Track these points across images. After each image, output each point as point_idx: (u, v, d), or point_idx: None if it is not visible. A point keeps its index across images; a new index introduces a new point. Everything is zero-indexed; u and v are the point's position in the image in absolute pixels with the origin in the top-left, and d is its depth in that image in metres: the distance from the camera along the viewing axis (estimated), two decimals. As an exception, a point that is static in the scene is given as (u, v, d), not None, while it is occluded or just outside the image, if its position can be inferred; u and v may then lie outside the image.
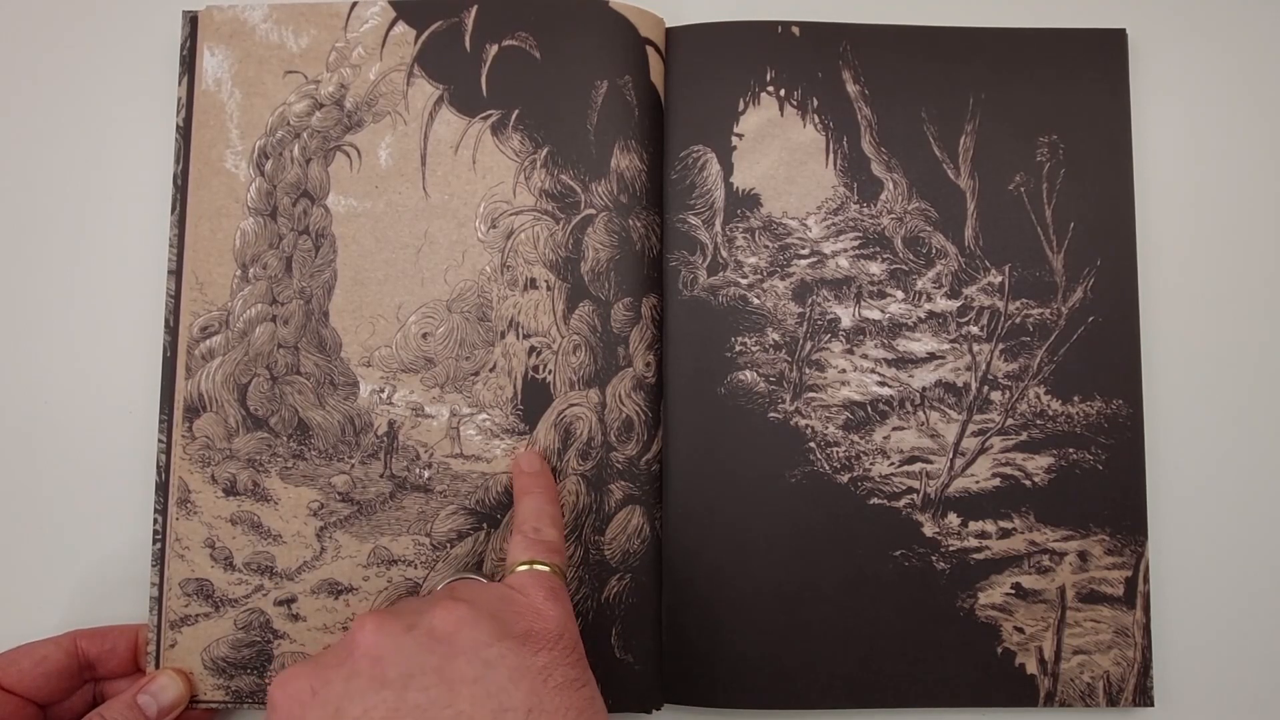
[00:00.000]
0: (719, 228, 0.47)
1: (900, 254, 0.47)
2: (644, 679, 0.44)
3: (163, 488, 0.44)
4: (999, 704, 0.45)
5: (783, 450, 0.46)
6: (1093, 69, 0.48)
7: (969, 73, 0.48)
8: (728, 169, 0.47)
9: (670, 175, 0.47)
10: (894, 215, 0.47)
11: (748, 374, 0.46)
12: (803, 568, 0.45)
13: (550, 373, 0.45)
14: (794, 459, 0.46)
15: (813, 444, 0.46)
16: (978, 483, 0.46)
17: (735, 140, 0.47)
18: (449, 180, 0.46)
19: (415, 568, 0.44)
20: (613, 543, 0.45)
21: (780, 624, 0.45)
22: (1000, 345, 0.47)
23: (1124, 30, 0.48)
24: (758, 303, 0.47)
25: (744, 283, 0.47)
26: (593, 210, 0.46)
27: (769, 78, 0.48)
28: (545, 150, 0.46)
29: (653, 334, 0.46)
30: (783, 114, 0.47)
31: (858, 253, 0.47)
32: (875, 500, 0.46)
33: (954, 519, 0.46)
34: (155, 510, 0.44)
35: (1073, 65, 0.48)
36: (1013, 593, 0.45)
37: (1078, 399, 0.46)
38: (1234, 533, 0.47)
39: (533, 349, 0.45)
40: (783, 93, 0.48)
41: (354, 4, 0.47)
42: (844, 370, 0.46)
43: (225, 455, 0.45)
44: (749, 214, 0.47)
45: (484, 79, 0.46)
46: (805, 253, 0.47)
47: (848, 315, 0.47)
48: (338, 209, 0.46)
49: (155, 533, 0.44)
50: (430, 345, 0.45)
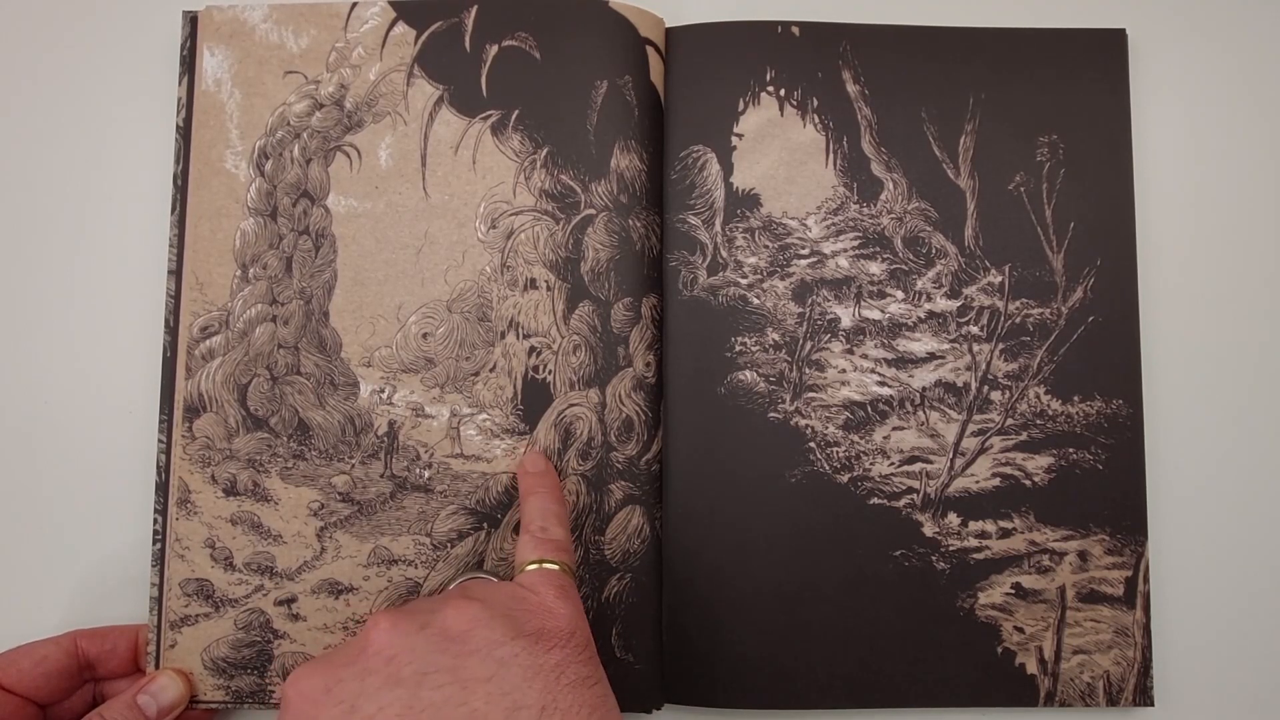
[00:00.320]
0: (719, 228, 0.47)
1: (900, 254, 0.47)
2: (644, 679, 0.44)
3: (163, 488, 0.44)
4: (999, 704, 0.45)
5: (783, 450, 0.46)
6: (1093, 69, 0.48)
7: (969, 73, 0.48)
8: (728, 169, 0.47)
9: (670, 175, 0.47)
10: (894, 215, 0.47)
11: (748, 374, 0.46)
12: (803, 568, 0.45)
13: (550, 373, 0.45)
14: (794, 459, 0.46)
15: (813, 444, 0.46)
16: (978, 483, 0.46)
17: (735, 140, 0.47)
18: (449, 180, 0.46)
19: (415, 568, 0.44)
20: (613, 543, 0.45)
21: (780, 624, 0.45)
22: (1000, 345, 0.47)
23: (1124, 30, 0.48)
24: (758, 303, 0.47)
25: (744, 283, 0.47)
26: (593, 210, 0.46)
27: (769, 78, 0.48)
28: (545, 150, 0.46)
29: (653, 334, 0.46)
30: (783, 114, 0.47)
31: (858, 253, 0.47)
32: (875, 500, 0.46)
33: (954, 519, 0.46)
34: (155, 510, 0.44)
35: (1073, 65, 0.48)
36: (1013, 593, 0.45)
37: (1078, 399, 0.46)
38: (1234, 533, 0.47)
39: (533, 349, 0.45)
40: (783, 93, 0.48)
41: (354, 4, 0.47)
42: (844, 370, 0.46)
43: (225, 455, 0.45)
44: (749, 214, 0.47)
45: (484, 79, 0.46)
46: (805, 253, 0.47)
47: (848, 315, 0.47)
48: (338, 209, 0.46)
49: (155, 533, 0.44)
50: (430, 345, 0.45)
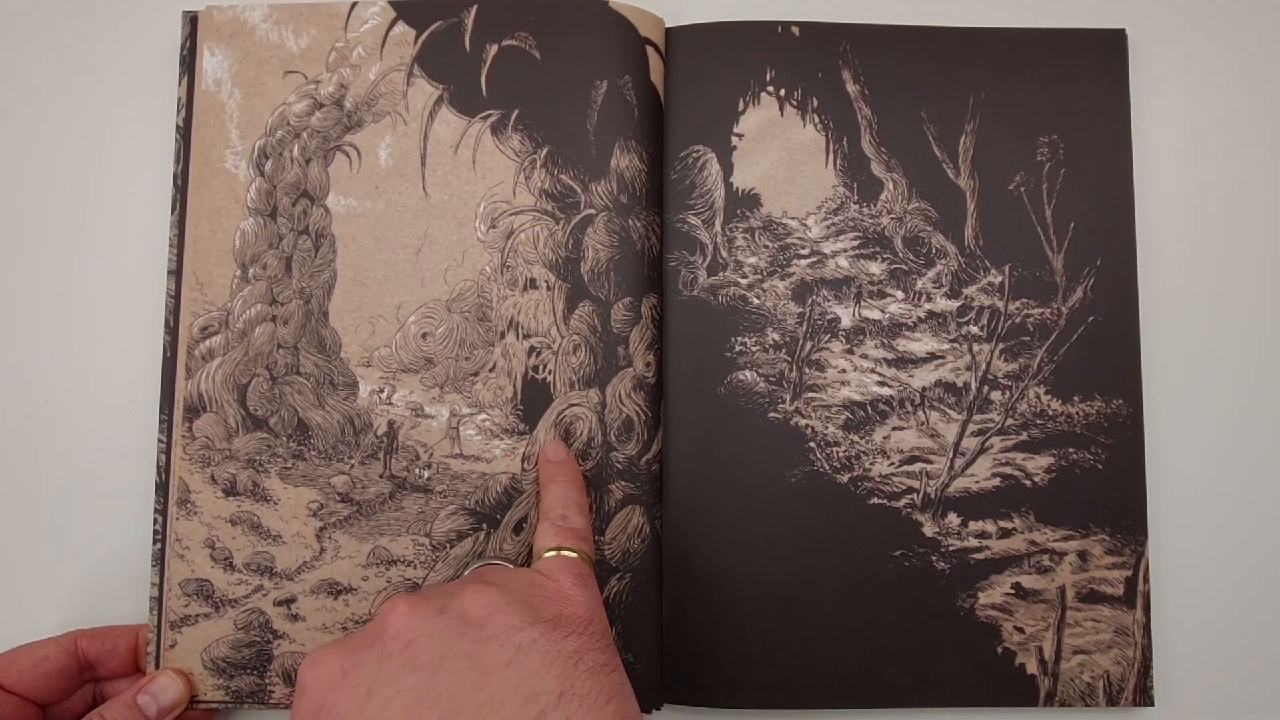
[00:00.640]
0: (719, 228, 0.47)
1: (900, 254, 0.47)
2: (644, 679, 0.44)
3: (163, 488, 0.44)
4: (999, 704, 0.45)
5: (783, 450, 0.46)
6: (1093, 69, 0.48)
7: (969, 73, 0.48)
8: (728, 169, 0.47)
9: (670, 175, 0.47)
10: (894, 215, 0.47)
11: (748, 374, 0.46)
12: (803, 568, 0.45)
13: (550, 373, 0.45)
14: (794, 459, 0.46)
15: (813, 444, 0.46)
16: (978, 483, 0.46)
17: (735, 140, 0.47)
18: (449, 180, 0.46)
19: (415, 568, 0.44)
20: (613, 542, 0.45)
21: (780, 624, 0.45)
22: (1000, 345, 0.47)
23: (1124, 30, 0.48)
24: (758, 303, 0.47)
25: (744, 283, 0.47)
26: (593, 210, 0.46)
27: (769, 78, 0.48)
28: (545, 150, 0.46)
29: (653, 334, 0.46)
30: (783, 114, 0.47)
31: (858, 253, 0.47)
32: (875, 500, 0.46)
33: (954, 519, 0.46)
34: (155, 510, 0.44)
35: (1073, 65, 0.48)
36: (1013, 593, 0.45)
37: (1078, 399, 0.46)
38: (1234, 533, 0.47)
39: (533, 349, 0.45)
40: (783, 93, 0.48)
41: (354, 4, 0.47)
42: (844, 370, 0.46)
43: (225, 455, 0.45)
44: (749, 214, 0.47)
45: (484, 79, 0.46)
46: (805, 253, 0.47)
47: (848, 315, 0.47)
48: (337, 209, 0.46)
49: (155, 533, 0.44)
50: (430, 345, 0.45)
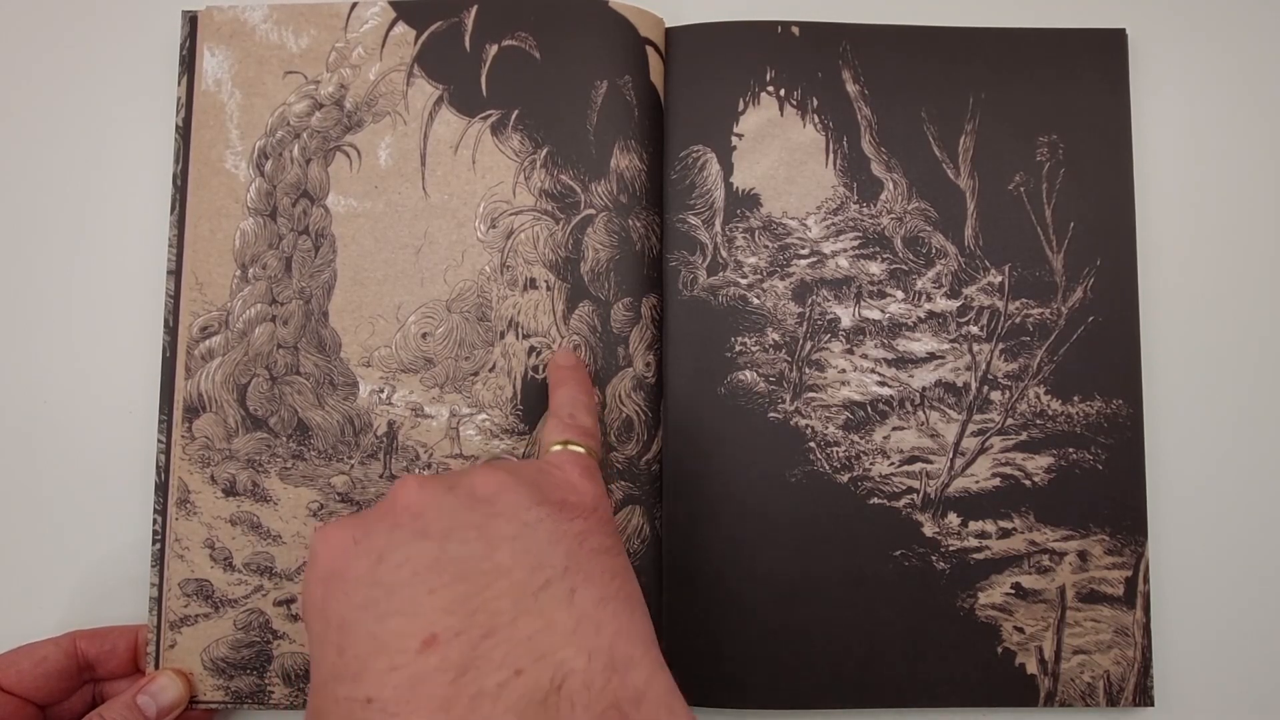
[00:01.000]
0: (719, 228, 0.47)
1: (900, 254, 0.47)
2: (644, 679, 0.44)
3: (162, 488, 0.44)
4: (999, 704, 0.45)
5: (783, 450, 0.46)
6: (1093, 69, 0.48)
7: (969, 73, 0.48)
8: (728, 169, 0.47)
9: (670, 175, 0.47)
10: (894, 215, 0.47)
11: (748, 374, 0.46)
12: (803, 568, 0.45)
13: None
14: (794, 459, 0.46)
15: (813, 444, 0.46)
16: (978, 483, 0.46)
17: (735, 140, 0.47)
18: (449, 180, 0.46)
19: (415, 568, 0.44)
20: (613, 543, 0.45)
21: (780, 624, 0.45)
22: (1000, 345, 0.47)
23: (1124, 30, 0.48)
24: (758, 303, 0.47)
25: (744, 283, 0.47)
26: (592, 210, 0.46)
27: (769, 78, 0.48)
28: (545, 150, 0.46)
29: (653, 334, 0.46)
30: (783, 114, 0.47)
31: (858, 253, 0.47)
32: (875, 500, 0.46)
33: (954, 519, 0.46)
34: (155, 510, 0.44)
35: (1073, 65, 0.48)
36: (1013, 593, 0.45)
37: (1078, 399, 0.46)
38: (1234, 533, 0.47)
39: (532, 349, 0.45)
40: (783, 93, 0.48)
41: (354, 4, 0.47)
42: (844, 370, 0.46)
43: (225, 455, 0.45)
44: (749, 214, 0.47)
45: (484, 79, 0.46)
46: (805, 253, 0.47)
47: (848, 315, 0.47)
48: (337, 209, 0.46)
49: (155, 533, 0.44)
50: (430, 345, 0.45)
